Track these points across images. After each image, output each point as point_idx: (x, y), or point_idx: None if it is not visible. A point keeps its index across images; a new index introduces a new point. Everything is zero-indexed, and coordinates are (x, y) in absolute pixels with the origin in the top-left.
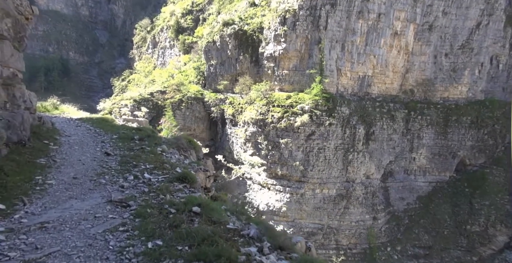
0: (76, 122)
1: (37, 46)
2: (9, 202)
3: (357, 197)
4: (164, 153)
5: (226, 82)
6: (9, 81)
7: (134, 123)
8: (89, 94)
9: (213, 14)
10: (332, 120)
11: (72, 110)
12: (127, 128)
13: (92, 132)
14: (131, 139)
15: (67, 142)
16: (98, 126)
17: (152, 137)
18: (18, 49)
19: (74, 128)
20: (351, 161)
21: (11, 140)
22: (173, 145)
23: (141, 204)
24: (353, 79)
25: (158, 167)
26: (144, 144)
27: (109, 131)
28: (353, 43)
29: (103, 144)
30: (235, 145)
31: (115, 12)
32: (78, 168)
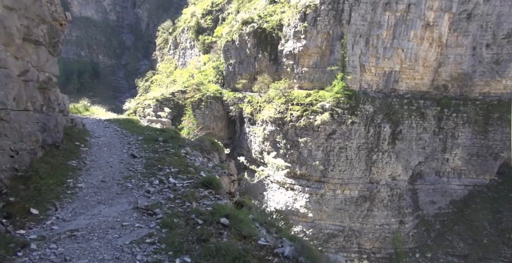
0: (105, 123)
1: (71, 50)
2: (42, 206)
3: (382, 199)
4: (187, 156)
5: (244, 81)
6: (44, 85)
7: (158, 124)
8: (116, 94)
9: (232, 14)
10: (355, 119)
11: (101, 112)
12: (151, 130)
13: (119, 133)
14: (156, 140)
15: (96, 143)
16: (124, 127)
17: (176, 138)
18: (53, 54)
19: (102, 129)
20: (375, 161)
21: (46, 142)
22: (196, 147)
23: (167, 212)
24: (378, 75)
25: (182, 170)
26: (168, 146)
27: (134, 132)
28: (378, 37)
29: (129, 146)
30: (253, 144)
31: (139, 15)
32: (106, 171)
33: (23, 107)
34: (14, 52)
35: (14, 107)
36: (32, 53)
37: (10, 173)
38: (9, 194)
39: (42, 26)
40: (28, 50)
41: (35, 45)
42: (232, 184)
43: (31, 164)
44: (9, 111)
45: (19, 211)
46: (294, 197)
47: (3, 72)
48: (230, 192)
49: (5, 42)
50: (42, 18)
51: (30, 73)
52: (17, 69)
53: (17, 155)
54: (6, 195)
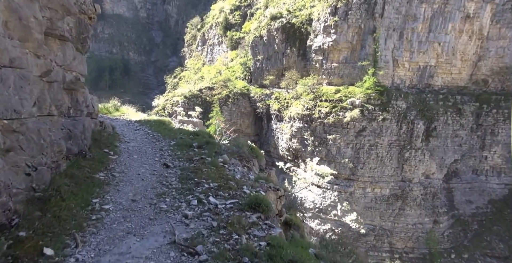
0: (135, 125)
1: (103, 48)
2: (60, 242)
3: (415, 198)
4: (226, 165)
5: (272, 77)
6: (72, 86)
7: (189, 124)
8: (145, 91)
9: (261, 9)
10: (386, 115)
11: (131, 112)
12: (184, 133)
13: (150, 136)
14: (190, 146)
15: (126, 149)
16: (156, 130)
17: (211, 143)
18: (81, 51)
19: (133, 132)
20: (408, 159)
21: (71, 151)
22: (234, 154)
23: (211, 250)
24: (412, 70)
25: (223, 186)
26: (204, 153)
27: (166, 136)
28: (413, 30)
29: (162, 153)
30: (281, 141)
31: (169, 12)
32: (137, 185)
33: (47, 112)
34: (34, 49)
35: (35, 114)
36: (56, 50)
37: (25, 195)
38: (21, 226)
39: (68, 19)
40: (52, 47)
41: (60, 41)
42: (279, 200)
43: (52, 181)
44: (25, 120)
45: (28, 253)
46: (322, 194)
47: (18, 74)
48: (278, 211)
49: (21, 37)
50: (68, 10)
51: (54, 73)
52: (38, 69)
53: (35, 172)
54: (16, 227)
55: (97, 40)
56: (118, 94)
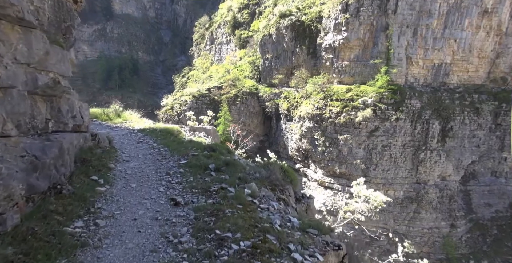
0: (138, 135)
1: (113, 47)
2: None
3: (430, 200)
4: (255, 200)
5: (281, 76)
6: (49, 91)
7: (202, 132)
8: (154, 90)
9: (270, 7)
10: (400, 115)
11: (135, 118)
12: (196, 147)
13: (155, 152)
14: (205, 168)
15: (123, 174)
16: (162, 143)
17: (232, 164)
18: (62, 45)
19: (134, 146)
20: (423, 160)
21: (36, 189)
22: (263, 181)
23: None
24: (427, 68)
25: (259, 246)
26: (224, 180)
27: (175, 151)
28: (428, 27)
29: (169, 178)
30: (290, 141)
31: (177, 11)
32: (130, 246)
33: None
34: None
35: None
36: (15, 41)
37: None
38: None
39: None
40: (8, 36)
41: (22, 28)
42: None
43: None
44: None
45: None
46: (333, 196)
47: None
48: None
49: None
50: None
51: (8, 74)
52: None
53: None
54: None
55: (107, 40)
56: (127, 93)
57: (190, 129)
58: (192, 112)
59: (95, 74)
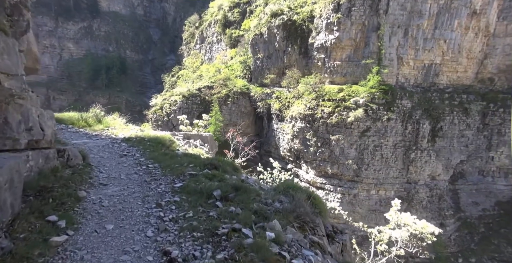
0: (122, 147)
1: (99, 46)
2: None
3: (420, 200)
4: (284, 252)
5: (272, 76)
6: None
7: (197, 140)
8: (142, 90)
9: (261, 6)
10: (391, 115)
11: (119, 124)
12: (194, 162)
13: (143, 170)
14: (208, 196)
15: (97, 206)
16: (151, 156)
17: (242, 190)
18: (5, 30)
19: (117, 162)
20: (413, 160)
21: None
22: (288, 215)
23: None
24: (417, 69)
25: None
26: (235, 215)
27: (168, 168)
28: (418, 27)
29: (161, 215)
30: (282, 141)
31: (166, 10)
32: None
33: None
34: None
35: None
36: None
37: None
38: None
39: None
40: None
41: None
42: None
43: None
44: None
45: None
46: (325, 197)
47: None
48: None
49: None
50: None
51: None
52: None
53: None
54: None
55: (93, 38)
56: (115, 93)
57: (184, 136)
58: (185, 116)
59: (81, 73)
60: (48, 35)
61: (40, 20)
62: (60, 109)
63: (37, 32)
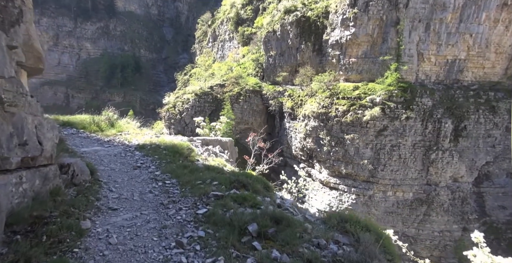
0: (136, 156)
1: (115, 45)
2: None
3: (441, 203)
4: None
5: (285, 74)
6: None
7: (217, 146)
8: (156, 88)
9: (274, 3)
10: (410, 114)
11: (133, 129)
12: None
13: (159, 188)
14: (240, 231)
15: (102, 244)
16: (168, 169)
17: (284, 222)
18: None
19: (129, 176)
20: (434, 161)
21: None
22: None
23: None
24: (439, 65)
25: None
26: (281, 259)
27: (188, 185)
28: (441, 21)
29: (182, 259)
30: (294, 140)
31: (180, 9)
32: None
33: None
34: None
35: None
36: None
37: None
38: None
39: None
40: None
41: None
42: None
43: None
44: None
45: None
46: (339, 197)
47: None
48: None
49: None
50: None
51: None
52: None
53: None
54: None
55: (110, 38)
56: (130, 91)
57: (202, 142)
58: (202, 118)
59: (98, 72)
60: (67, 35)
61: (60, 21)
62: (78, 107)
63: (57, 32)
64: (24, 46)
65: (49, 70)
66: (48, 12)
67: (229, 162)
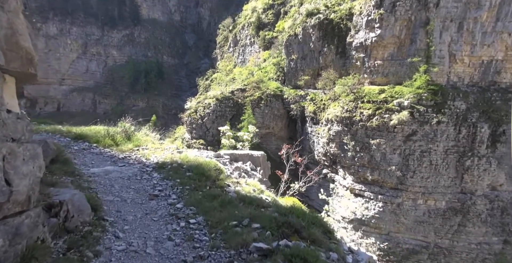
0: (153, 179)
1: (140, 52)
2: None
3: (478, 213)
4: None
5: (307, 78)
6: None
7: (247, 162)
8: (178, 93)
9: (295, 6)
10: (442, 118)
11: (151, 142)
12: (259, 218)
13: (180, 233)
14: None
15: None
16: (193, 200)
17: None
18: None
19: (142, 212)
20: (469, 168)
21: None
22: None
23: None
24: (473, 66)
25: None
26: None
27: (219, 229)
28: (476, 20)
29: None
30: (317, 145)
31: (201, 14)
32: None
33: None
34: None
35: None
36: None
37: None
38: None
39: None
40: None
41: None
42: None
43: None
44: None
45: None
46: (364, 204)
47: None
48: None
49: None
50: None
51: None
52: None
53: None
54: None
55: (134, 45)
56: (153, 96)
57: (231, 158)
58: (227, 127)
59: (123, 78)
60: (95, 43)
61: (89, 30)
62: (104, 112)
63: (86, 41)
64: (5, 43)
65: (78, 77)
66: (77, 22)
67: (263, 183)
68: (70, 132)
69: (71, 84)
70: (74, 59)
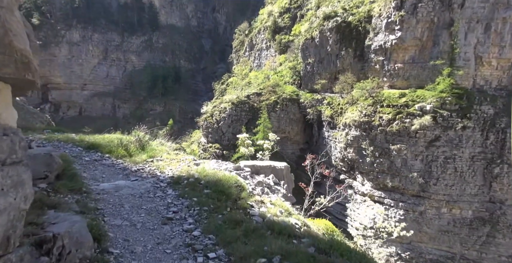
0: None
1: (157, 57)
2: None
3: (509, 223)
4: None
5: (324, 81)
6: None
7: (270, 175)
8: (194, 98)
9: (312, 9)
10: (467, 123)
11: (166, 153)
12: (291, 255)
13: None
14: None
15: None
16: (211, 227)
17: None
18: None
19: (154, 241)
20: (498, 176)
21: None
22: None
23: None
24: (501, 69)
25: None
26: None
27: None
28: (505, 20)
29: None
30: (334, 150)
31: (218, 20)
32: None
33: None
34: None
35: None
36: None
37: None
38: None
39: None
40: None
41: None
42: None
43: None
44: None
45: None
46: (384, 212)
47: None
48: None
49: None
50: None
51: None
52: None
53: None
54: None
55: (152, 50)
56: (170, 101)
57: (252, 170)
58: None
59: (141, 83)
60: (115, 49)
61: (109, 36)
62: (123, 117)
63: (106, 47)
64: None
65: (98, 82)
66: (99, 29)
67: (288, 199)
68: (83, 141)
69: (92, 89)
70: (95, 64)
